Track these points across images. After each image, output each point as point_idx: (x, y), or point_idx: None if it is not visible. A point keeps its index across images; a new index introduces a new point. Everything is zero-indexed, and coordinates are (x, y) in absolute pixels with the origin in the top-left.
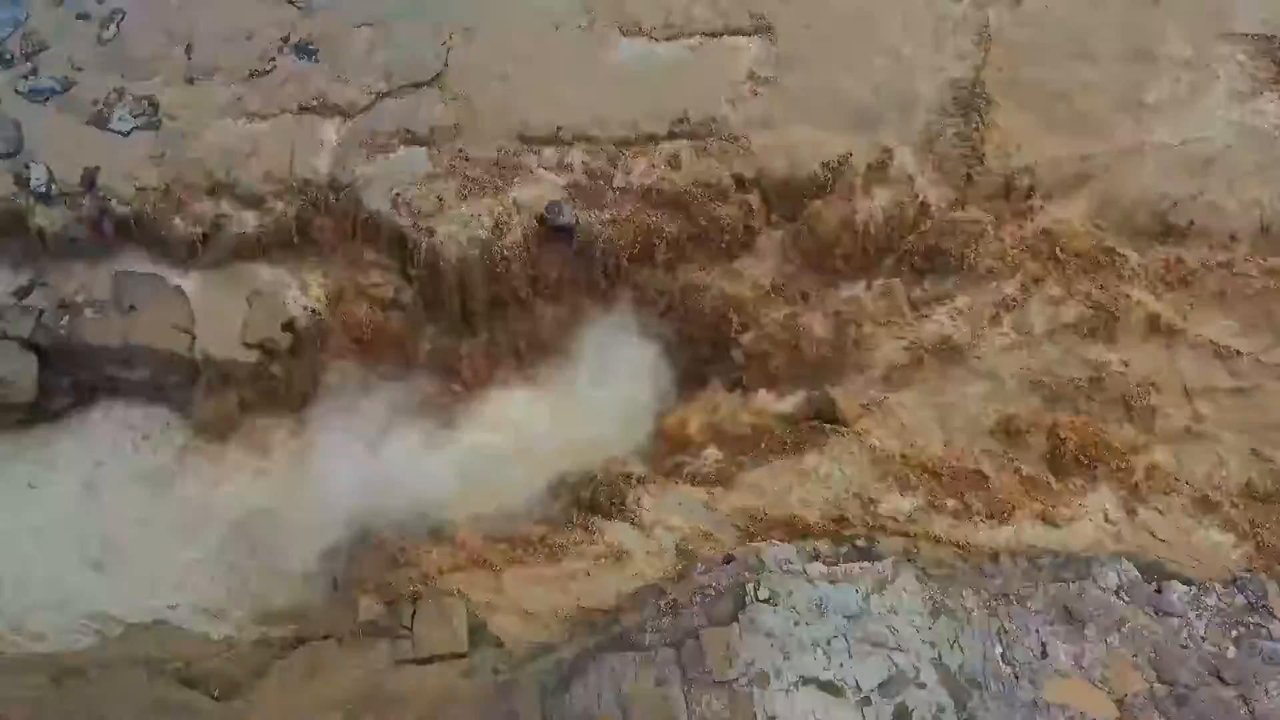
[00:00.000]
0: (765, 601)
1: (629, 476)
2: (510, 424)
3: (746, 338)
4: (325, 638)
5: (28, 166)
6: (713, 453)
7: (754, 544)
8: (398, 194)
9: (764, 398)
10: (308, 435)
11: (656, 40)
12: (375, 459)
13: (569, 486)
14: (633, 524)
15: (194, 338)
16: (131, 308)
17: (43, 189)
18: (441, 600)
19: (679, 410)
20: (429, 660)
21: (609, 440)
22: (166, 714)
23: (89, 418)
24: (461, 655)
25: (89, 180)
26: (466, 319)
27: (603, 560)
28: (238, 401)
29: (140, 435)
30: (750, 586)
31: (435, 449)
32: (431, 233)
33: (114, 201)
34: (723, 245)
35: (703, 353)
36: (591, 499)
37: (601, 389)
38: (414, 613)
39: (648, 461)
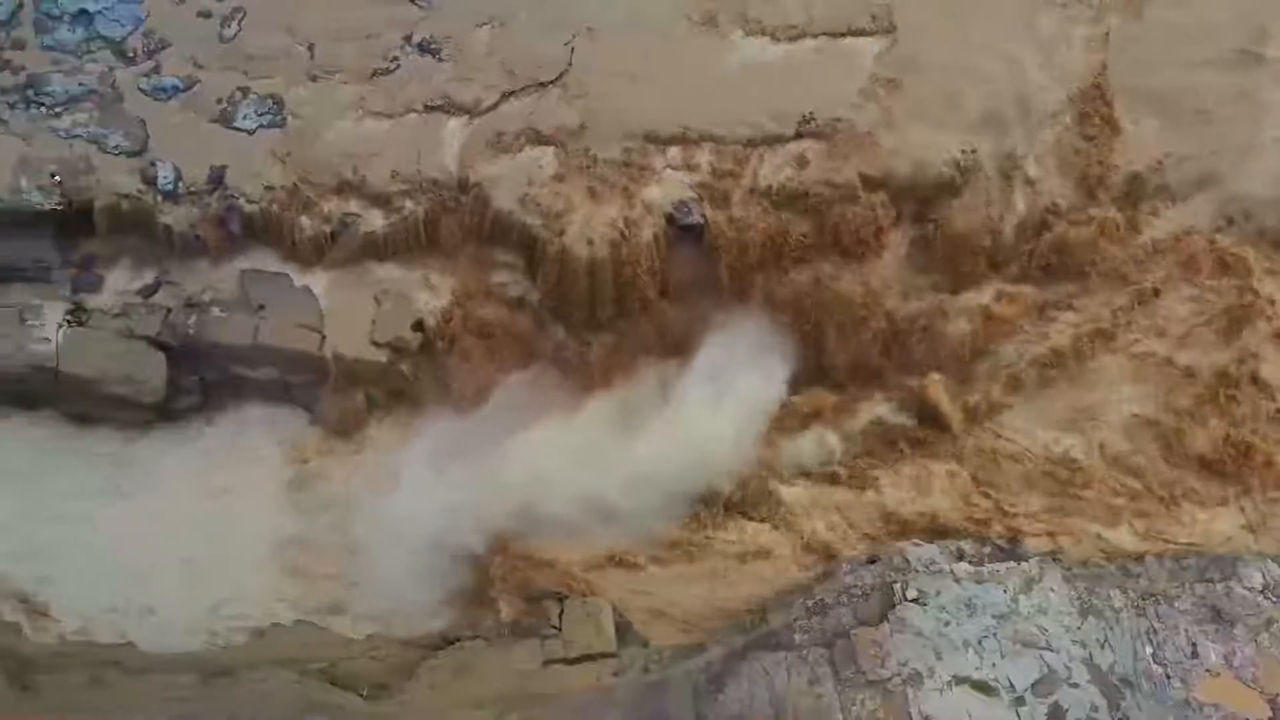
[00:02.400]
0: (914, 601)
1: (765, 476)
2: (636, 424)
3: (871, 338)
4: (473, 638)
5: (154, 165)
6: (842, 453)
7: (897, 544)
8: (526, 194)
9: (885, 398)
10: (435, 434)
11: (779, 40)
12: (504, 459)
13: (705, 486)
14: (770, 523)
15: (323, 337)
16: (260, 307)
17: (170, 187)
18: (587, 600)
19: (801, 411)
20: (579, 660)
21: (733, 441)
22: (316, 713)
23: (215, 417)
24: (610, 655)
25: (216, 178)
26: (592, 319)
27: (741, 559)
28: (365, 401)
29: (267, 435)
30: (898, 586)
31: (562, 449)
32: (561, 233)
33: (241, 200)
34: (850, 246)
35: (828, 353)
36: (728, 498)
37: (728, 389)
38: (561, 612)
39: (770, 460)
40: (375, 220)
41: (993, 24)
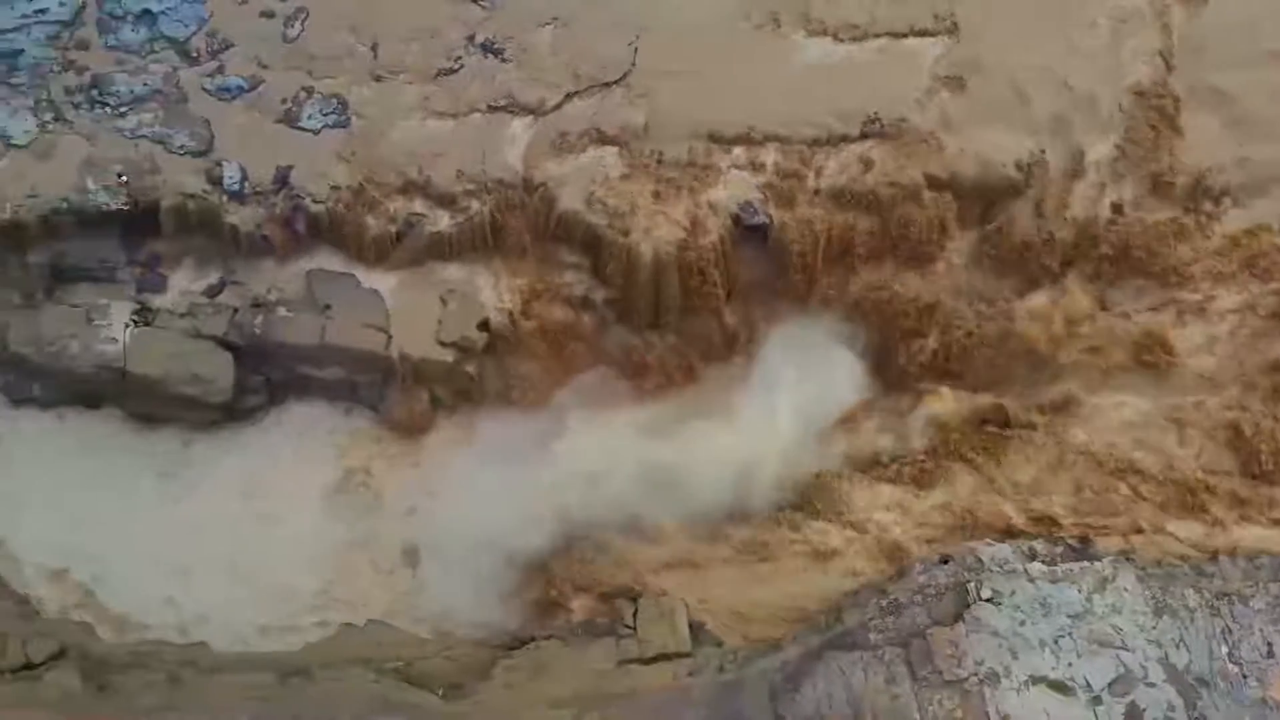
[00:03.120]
0: (988, 601)
1: (832, 476)
2: (700, 425)
3: (936, 338)
4: (547, 637)
5: (220, 165)
6: (909, 453)
7: (968, 544)
8: (592, 194)
9: (951, 398)
10: (500, 433)
11: (841, 41)
12: (569, 458)
13: (773, 485)
14: (837, 523)
15: (390, 337)
16: (327, 307)
17: (236, 187)
18: (660, 600)
19: (866, 410)
20: (654, 660)
21: (798, 439)
22: (394, 712)
23: (280, 417)
24: (685, 655)
25: (281, 179)
26: (657, 319)
27: (810, 559)
28: (430, 400)
29: (332, 434)
30: (972, 586)
31: (626, 449)
32: (628, 232)
33: (307, 200)
34: (915, 247)
35: (891, 353)
36: (795, 499)
37: (793, 390)
38: (635, 612)
39: (836, 461)
40: (441, 220)
41: (1055, 24)
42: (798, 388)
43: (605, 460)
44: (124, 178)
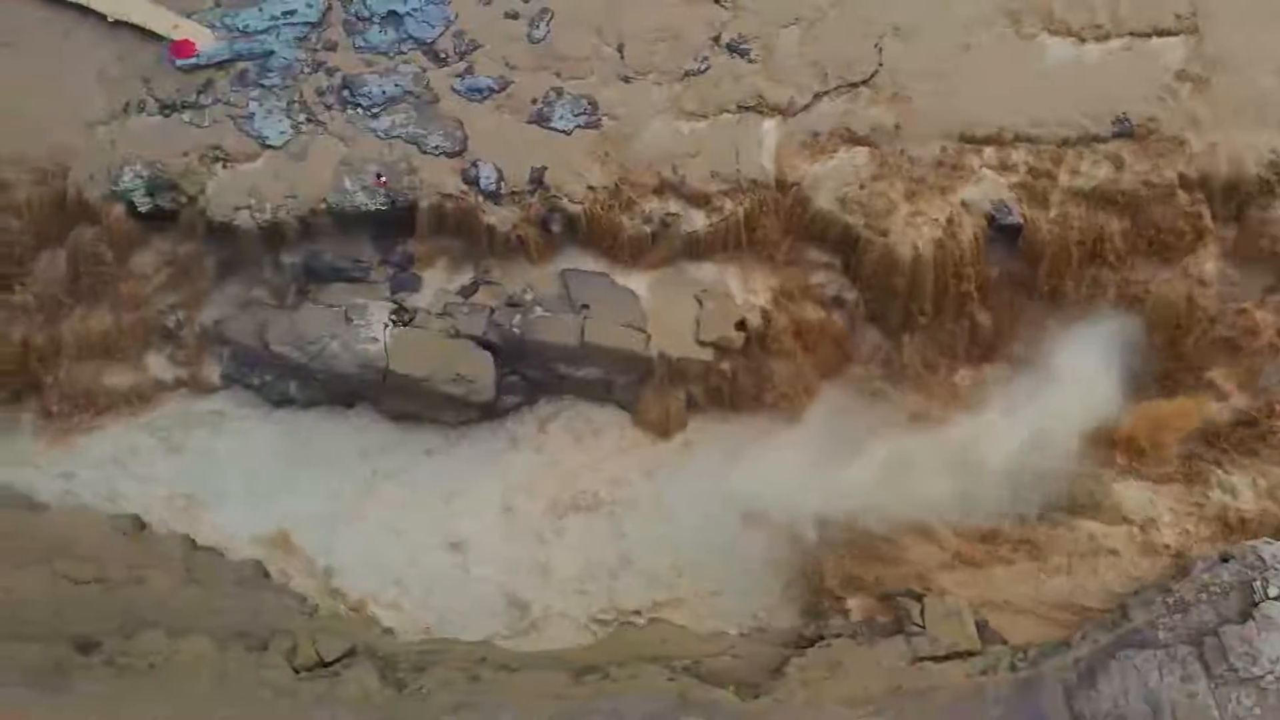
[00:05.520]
0: (1276, 599)
1: (1099, 476)
2: (960, 422)
3: (1192, 338)
4: (837, 636)
5: (475, 165)
6: (1177, 452)
7: (1248, 542)
8: (846, 194)
9: (1211, 397)
10: (756, 432)
11: (1084, 41)
12: (827, 458)
13: (1038, 485)
14: (1109, 521)
15: (648, 336)
16: (584, 306)
17: (492, 187)
18: (945, 598)
19: (1130, 410)
20: (946, 658)
21: (1059, 438)
22: (692, 710)
23: (536, 415)
24: (975, 653)
25: (537, 179)
26: (910, 319)
27: (1085, 557)
28: (685, 400)
29: (589, 433)
30: (1257, 584)
31: (883, 448)
32: (885, 233)
33: (564, 200)
34: (1168, 245)
35: (1149, 353)
36: (1065, 498)
37: (1049, 387)
38: (921, 610)
39: (1101, 461)
40: (696, 220)
41: None
42: (1055, 387)
43: (863, 460)
44: (382, 178)
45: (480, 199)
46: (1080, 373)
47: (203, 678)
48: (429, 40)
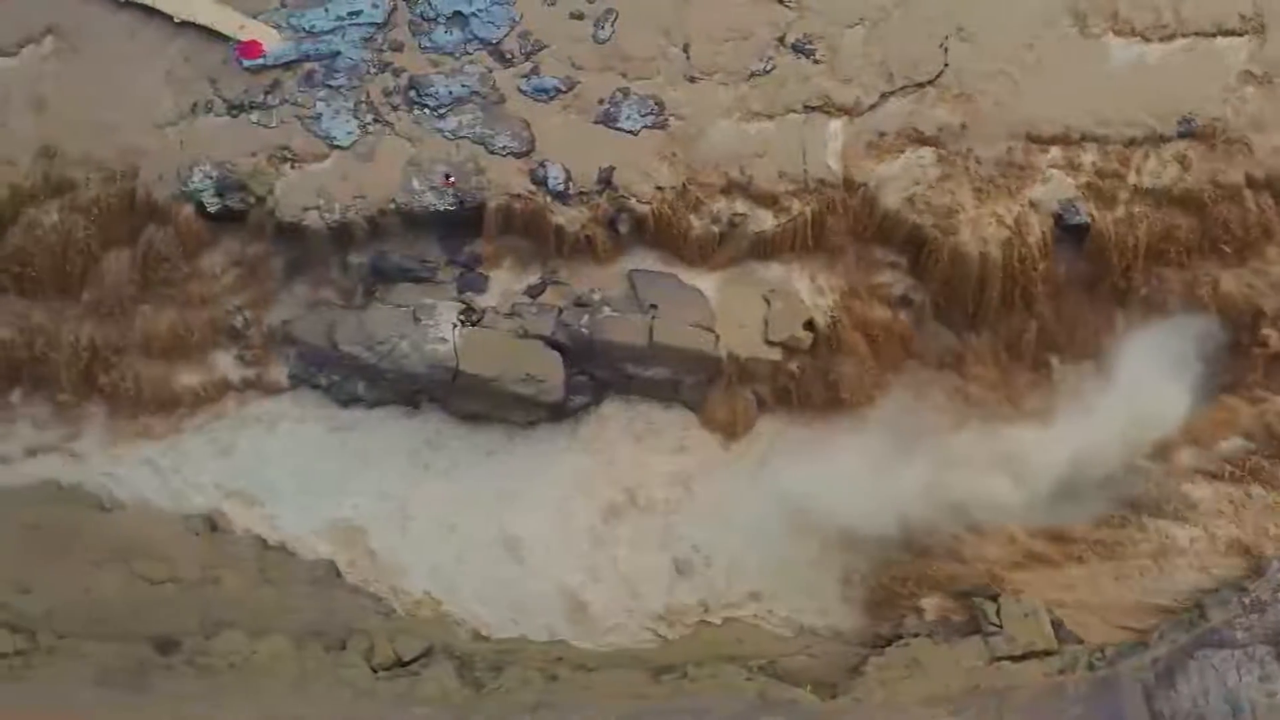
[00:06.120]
0: None
1: (1171, 475)
2: (1031, 422)
3: (1262, 338)
4: (914, 635)
5: (543, 165)
6: (1245, 452)
7: None
8: (914, 194)
9: None
10: (821, 432)
11: (1149, 40)
12: (895, 456)
13: (1112, 483)
14: (1182, 521)
15: (717, 336)
16: (652, 306)
17: (560, 188)
18: (1021, 598)
19: (1198, 409)
20: (1024, 657)
21: (1127, 437)
22: (772, 709)
23: (603, 415)
24: (1052, 652)
25: (605, 179)
26: (976, 318)
27: (1157, 556)
28: (753, 399)
29: (655, 433)
30: None
31: (952, 447)
32: (954, 232)
33: (632, 200)
34: (1235, 245)
35: (1220, 352)
36: (1138, 497)
37: (1116, 386)
38: (997, 610)
39: (1172, 460)
40: (764, 220)
41: None
42: (1123, 387)
43: (930, 460)
44: (451, 178)
45: (548, 199)
46: (1147, 372)
47: (282, 678)
48: (494, 41)
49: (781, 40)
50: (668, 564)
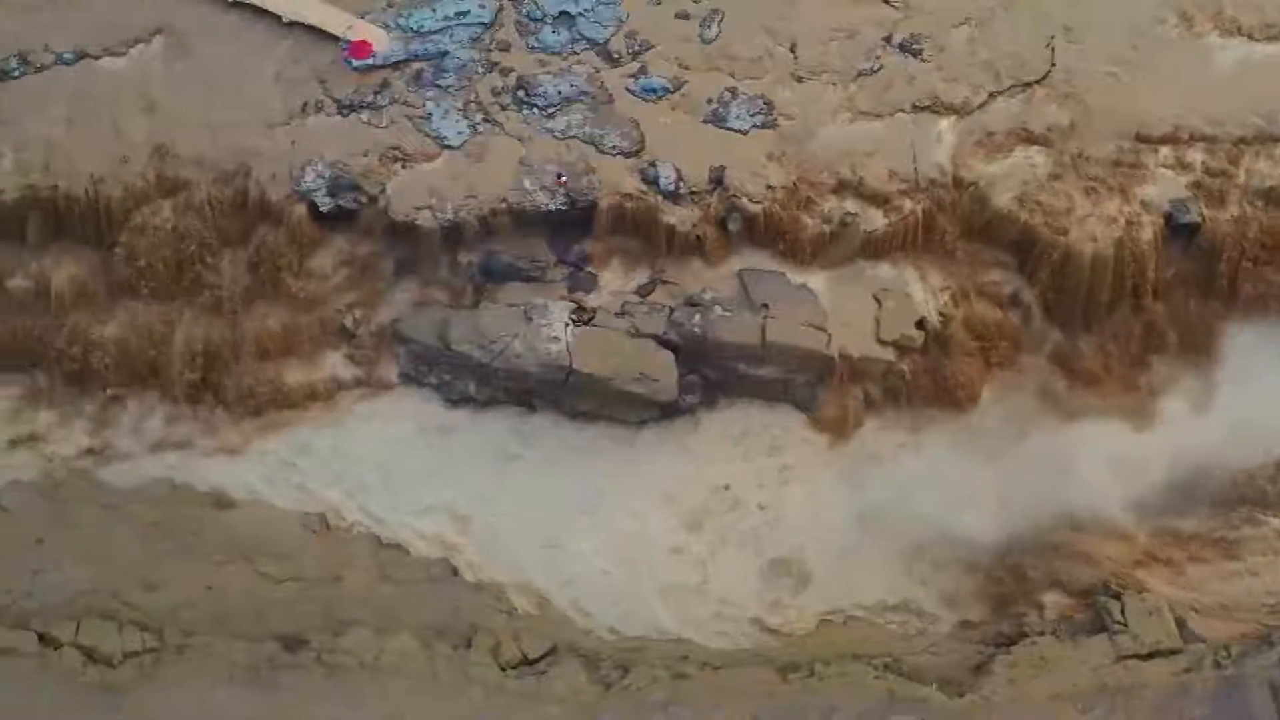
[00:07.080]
0: None
1: None
2: (1143, 421)
3: None
4: (1041, 633)
5: (653, 165)
6: None
7: None
8: (1025, 193)
9: None
10: (933, 431)
11: (1255, 40)
12: (1004, 456)
13: (1229, 481)
14: None
15: (829, 335)
16: (764, 305)
17: (671, 187)
18: (1145, 596)
19: None
20: (1150, 656)
21: (1239, 435)
22: (902, 707)
23: (714, 415)
24: (1178, 651)
25: (716, 179)
26: (1086, 317)
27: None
28: (863, 399)
29: (766, 432)
30: None
31: (1068, 446)
32: (1066, 231)
33: (744, 199)
34: None
35: None
36: (1253, 494)
37: (1227, 386)
38: (1122, 608)
39: None
40: (875, 220)
41: None
42: (1234, 386)
43: (1041, 459)
44: (562, 178)
45: (659, 199)
46: (1260, 372)
47: (412, 676)
48: (602, 41)
49: (888, 40)
50: (778, 563)
